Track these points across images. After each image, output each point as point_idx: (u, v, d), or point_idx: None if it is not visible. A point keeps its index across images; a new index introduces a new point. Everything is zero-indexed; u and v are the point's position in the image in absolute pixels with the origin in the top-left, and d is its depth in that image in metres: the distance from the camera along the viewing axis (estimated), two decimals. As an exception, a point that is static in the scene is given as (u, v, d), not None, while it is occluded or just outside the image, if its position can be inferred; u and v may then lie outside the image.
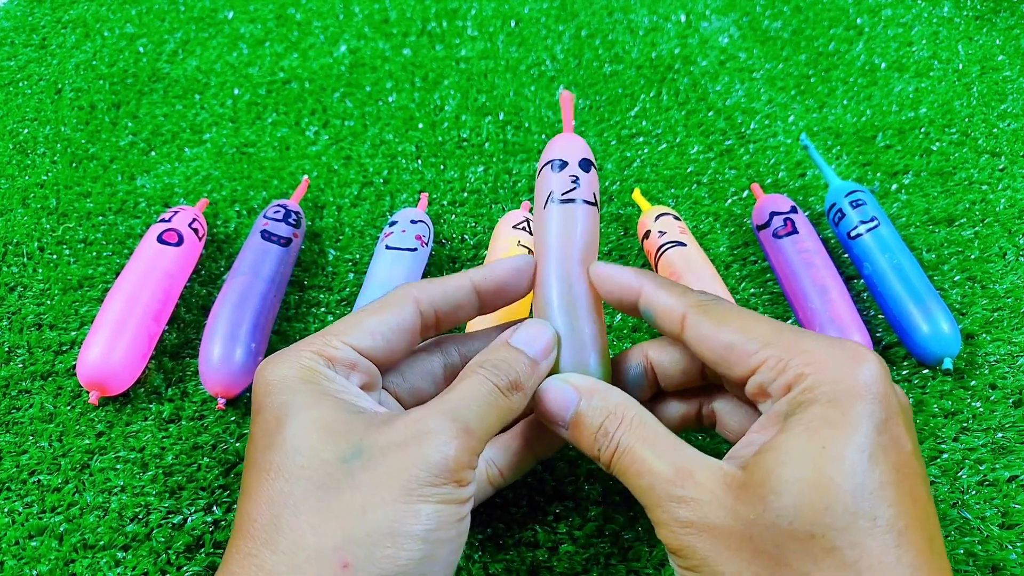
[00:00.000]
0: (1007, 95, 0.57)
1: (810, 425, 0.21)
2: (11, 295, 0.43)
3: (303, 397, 0.23)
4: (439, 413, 0.23)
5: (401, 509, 0.21)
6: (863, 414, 0.21)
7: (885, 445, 0.20)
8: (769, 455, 0.21)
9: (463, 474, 0.23)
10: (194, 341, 0.41)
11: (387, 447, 0.22)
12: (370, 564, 0.20)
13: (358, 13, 0.68)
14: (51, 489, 0.35)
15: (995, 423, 0.37)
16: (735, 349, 0.24)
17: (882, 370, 0.22)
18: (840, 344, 0.23)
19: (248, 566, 0.20)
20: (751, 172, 0.52)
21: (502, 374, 0.25)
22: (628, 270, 0.27)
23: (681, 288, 0.26)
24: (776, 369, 0.23)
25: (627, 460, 0.24)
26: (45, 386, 0.39)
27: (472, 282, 0.28)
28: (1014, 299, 0.42)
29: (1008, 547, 0.33)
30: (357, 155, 0.53)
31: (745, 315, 0.24)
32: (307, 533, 0.20)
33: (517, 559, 0.33)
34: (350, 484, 0.21)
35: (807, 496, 0.20)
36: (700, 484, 0.22)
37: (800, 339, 0.23)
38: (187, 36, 0.65)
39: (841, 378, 0.21)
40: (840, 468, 0.20)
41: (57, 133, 0.55)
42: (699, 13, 0.67)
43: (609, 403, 0.25)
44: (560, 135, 0.30)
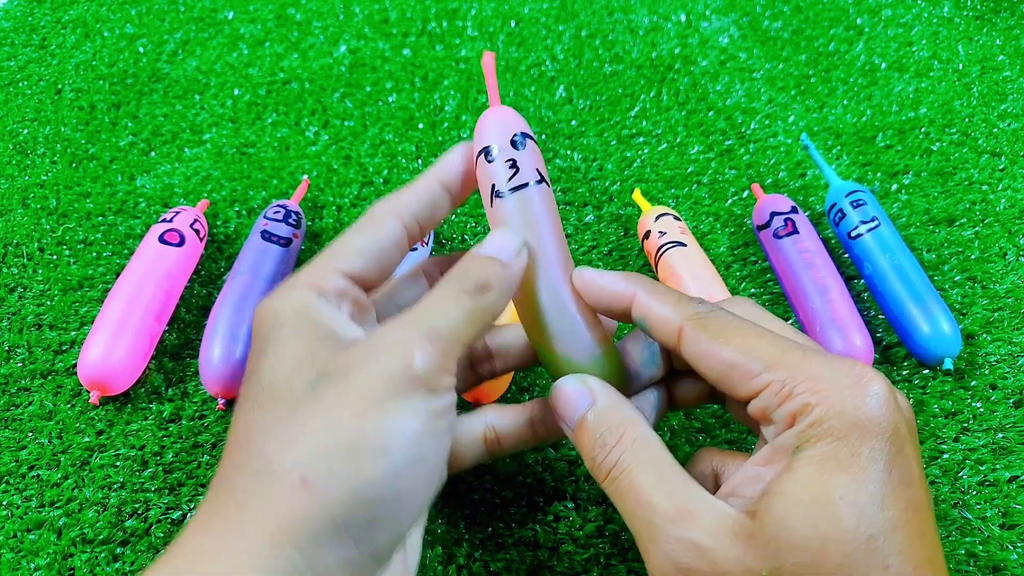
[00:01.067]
0: (1007, 95, 0.57)
1: (821, 466, 0.20)
2: (11, 296, 0.43)
3: (285, 331, 0.23)
4: (400, 326, 0.22)
5: (362, 423, 0.20)
6: (874, 454, 0.20)
7: (895, 485, 0.20)
8: (779, 501, 0.20)
9: (433, 380, 0.22)
10: (194, 341, 0.41)
11: (349, 365, 0.22)
12: (329, 479, 0.20)
13: (358, 13, 0.68)
14: (50, 484, 0.35)
15: (995, 423, 0.37)
16: (736, 369, 0.23)
17: (888, 393, 0.21)
18: (845, 367, 0.22)
19: (221, 491, 0.21)
20: (751, 172, 0.52)
21: (467, 279, 0.24)
22: (617, 276, 0.26)
23: (676, 296, 0.25)
24: (780, 395, 0.22)
25: (624, 484, 0.23)
26: (45, 385, 0.39)
27: (439, 181, 0.27)
28: (1014, 299, 0.42)
29: (1009, 547, 0.33)
30: (357, 155, 0.53)
31: (746, 330, 0.23)
32: (272, 455, 0.20)
33: (517, 558, 0.33)
34: (315, 406, 0.21)
35: (823, 551, 0.19)
36: (706, 529, 0.21)
37: (804, 361, 0.22)
38: (187, 36, 0.65)
39: (848, 409, 0.21)
40: (855, 518, 0.19)
41: (57, 133, 0.55)
42: (699, 13, 0.67)
43: (616, 416, 0.24)
44: (487, 113, 0.28)
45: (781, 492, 0.20)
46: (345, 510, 0.20)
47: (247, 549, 0.19)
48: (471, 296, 0.24)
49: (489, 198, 0.27)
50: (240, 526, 0.20)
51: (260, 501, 0.20)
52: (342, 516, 0.20)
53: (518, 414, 0.29)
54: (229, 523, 0.20)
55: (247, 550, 0.19)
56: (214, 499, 0.21)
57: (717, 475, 0.27)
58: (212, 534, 0.20)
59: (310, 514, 0.19)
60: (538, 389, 0.39)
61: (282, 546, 0.19)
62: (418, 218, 0.27)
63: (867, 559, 0.19)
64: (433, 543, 0.33)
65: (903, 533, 0.20)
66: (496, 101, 0.28)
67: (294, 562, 0.19)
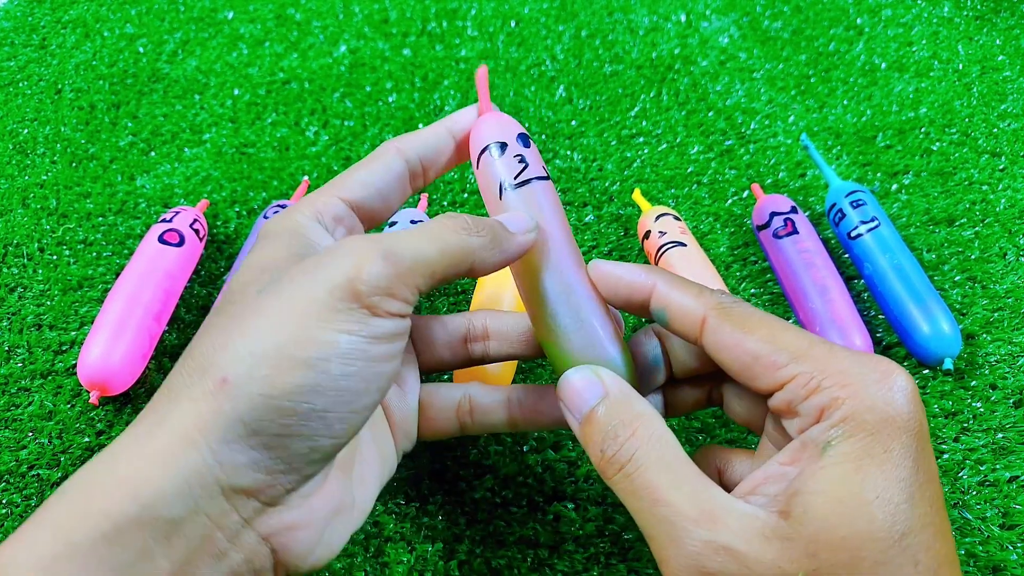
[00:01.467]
0: (1007, 95, 0.57)
1: (856, 463, 0.20)
2: (11, 296, 0.43)
3: (269, 245, 0.23)
4: (361, 239, 0.22)
5: (294, 332, 0.20)
6: (905, 450, 0.20)
7: (922, 482, 0.20)
8: (815, 500, 0.20)
9: (376, 300, 0.21)
10: (194, 341, 0.41)
11: (297, 272, 0.21)
12: (247, 383, 0.20)
13: (358, 13, 0.68)
14: (50, 483, 0.35)
15: (996, 423, 0.37)
16: (761, 360, 0.22)
17: (913, 388, 0.21)
18: (872, 362, 0.21)
19: (162, 392, 0.21)
20: (751, 172, 0.52)
21: (460, 218, 0.23)
22: (636, 267, 0.26)
23: (698, 287, 0.25)
24: (807, 388, 0.21)
25: (639, 482, 0.22)
26: (45, 385, 0.39)
27: (447, 129, 0.28)
28: (1014, 299, 0.42)
29: (1009, 548, 0.33)
30: (357, 155, 0.53)
31: (771, 322, 0.23)
32: (207, 355, 0.20)
33: (519, 556, 0.33)
34: (254, 309, 0.21)
35: (861, 550, 0.19)
36: (733, 531, 0.20)
37: (831, 355, 0.22)
38: (187, 36, 0.65)
39: (878, 404, 0.20)
40: (891, 516, 0.19)
41: (57, 133, 0.55)
42: (699, 13, 0.67)
43: (629, 410, 0.23)
44: (484, 116, 0.28)
45: (816, 491, 0.20)
46: (257, 415, 0.20)
47: (164, 441, 0.19)
48: (455, 231, 0.23)
49: (497, 193, 0.26)
50: (167, 424, 0.20)
51: (185, 399, 0.20)
52: (253, 420, 0.20)
53: (497, 391, 0.29)
54: (158, 421, 0.20)
55: (164, 442, 0.19)
56: (155, 400, 0.21)
57: (721, 472, 0.26)
58: (140, 433, 0.20)
59: (223, 413, 0.19)
60: (543, 383, 0.39)
61: (195, 442, 0.19)
62: (421, 157, 0.28)
63: (900, 557, 0.19)
64: (434, 538, 0.33)
65: (930, 531, 0.20)
66: (488, 107, 0.28)
67: (204, 458, 0.19)
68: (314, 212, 0.25)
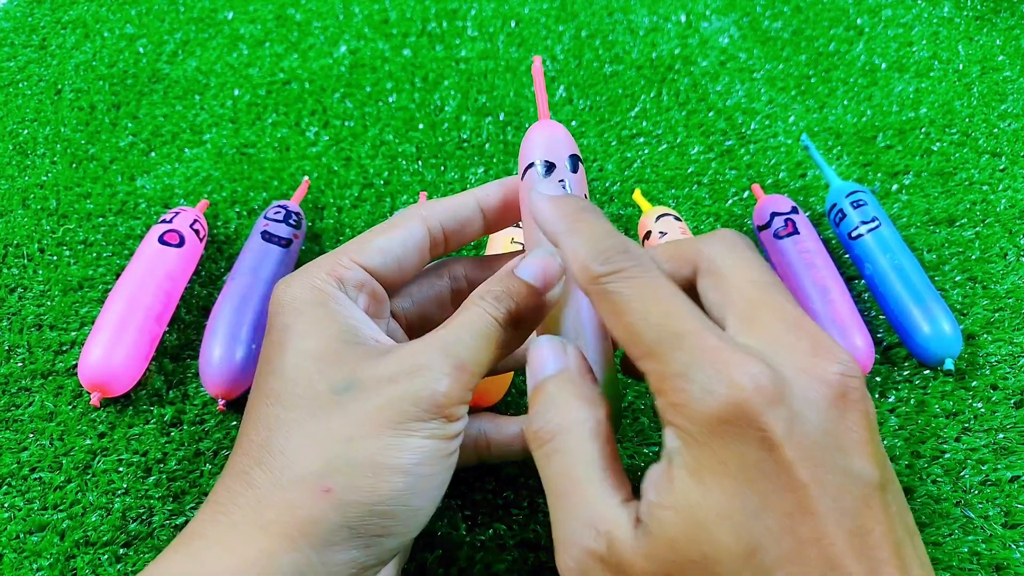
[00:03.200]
0: (1007, 95, 0.57)
1: (696, 476, 0.19)
2: (11, 296, 0.43)
3: (306, 322, 0.24)
4: (433, 348, 0.23)
5: (386, 442, 0.22)
6: (742, 460, 0.18)
7: (769, 491, 0.18)
8: (666, 516, 0.19)
9: (453, 409, 0.23)
10: (195, 342, 0.41)
11: (379, 380, 0.22)
12: (351, 492, 0.21)
13: (358, 13, 0.68)
14: (53, 487, 0.35)
15: (996, 423, 0.37)
16: (627, 347, 0.21)
17: (753, 393, 0.18)
18: (713, 360, 0.19)
19: (240, 481, 0.22)
20: (752, 172, 0.52)
21: (502, 306, 0.24)
22: (552, 208, 0.24)
23: (591, 245, 0.22)
24: (654, 387, 0.20)
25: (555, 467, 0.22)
26: (45, 385, 0.39)
27: (476, 199, 0.28)
28: (1015, 299, 0.42)
29: (1012, 546, 0.33)
30: (357, 156, 0.53)
31: (638, 302, 0.21)
32: (294, 457, 0.22)
33: (519, 559, 0.32)
34: (340, 415, 0.22)
35: (713, 572, 0.18)
36: (619, 548, 0.19)
37: (677, 351, 0.19)
38: (187, 37, 0.65)
39: (707, 413, 0.18)
40: (734, 534, 0.18)
41: (57, 134, 0.55)
42: (699, 13, 0.67)
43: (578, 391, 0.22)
44: (537, 125, 0.27)
45: (668, 506, 0.19)
46: (361, 520, 0.21)
47: (265, 543, 0.21)
48: (503, 328, 0.24)
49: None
50: (259, 521, 0.21)
51: (280, 500, 0.21)
52: (358, 524, 0.21)
53: (512, 424, 0.30)
54: (247, 515, 0.21)
55: (265, 544, 0.21)
56: (232, 487, 0.22)
57: None
58: (231, 525, 0.21)
59: (329, 520, 0.21)
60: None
61: (297, 544, 0.21)
62: (444, 227, 0.27)
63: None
64: (433, 546, 0.33)
65: (790, 542, 0.18)
66: (546, 113, 0.27)
67: (309, 559, 0.21)
68: (336, 278, 0.25)
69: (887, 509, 0.19)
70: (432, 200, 0.28)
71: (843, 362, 0.20)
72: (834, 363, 0.20)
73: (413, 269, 0.27)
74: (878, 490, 0.19)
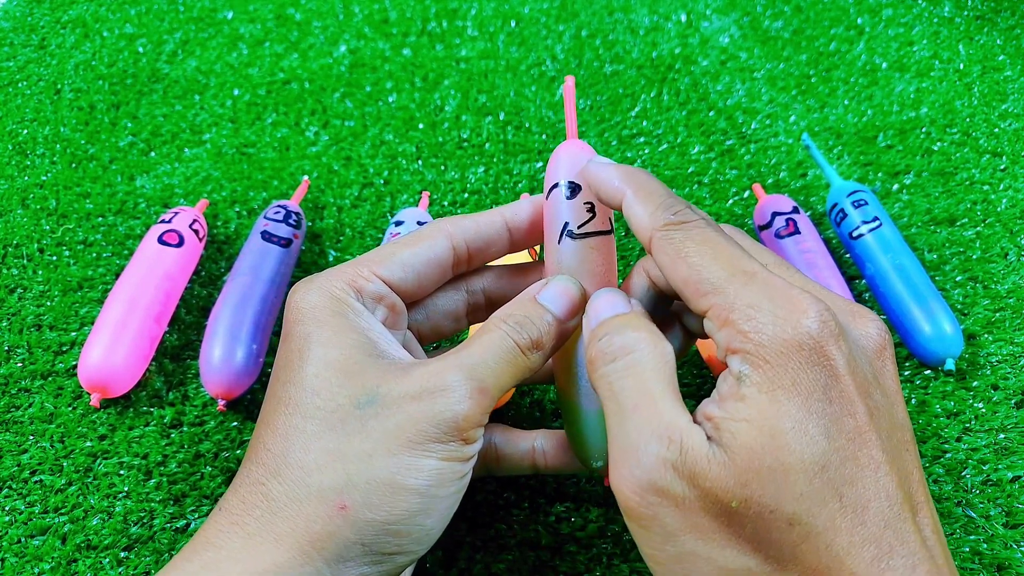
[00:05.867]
0: (1008, 95, 0.57)
1: (770, 394, 0.20)
2: (11, 297, 0.43)
3: (326, 331, 0.24)
4: (456, 369, 0.23)
5: (405, 461, 0.22)
6: (814, 383, 0.20)
7: (837, 416, 0.19)
8: (739, 428, 0.20)
9: (470, 432, 0.23)
10: (195, 343, 0.41)
11: (401, 398, 0.22)
12: (367, 510, 0.21)
13: (358, 13, 0.68)
14: (54, 490, 0.35)
15: (997, 424, 0.37)
16: (688, 286, 0.22)
17: (820, 322, 0.20)
18: (782, 297, 0.20)
19: (255, 492, 0.22)
20: (752, 172, 0.51)
21: (524, 332, 0.24)
22: (614, 172, 0.25)
23: (657, 201, 0.24)
24: (720, 320, 0.21)
25: (629, 381, 0.22)
26: (45, 386, 0.39)
27: (504, 218, 0.28)
28: (1016, 299, 0.42)
29: (1013, 546, 0.33)
30: (357, 156, 0.53)
31: (707, 247, 0.22)
32: (313, 471, 0.22)
33: (520, 559, 0.32)
34: (360, 430, 0.22)
35: (786, 481, 0.19)
36: (693, 456, 0.20)
37: (746, 287, 0.21)
38: (187, 36, 0.64)
39: (779, 338, 0.20)
40: (809, 448, 0.19)
41: (56, 134, 0.55)
42: (700, 13, 0.67)
43: (645, 324, 0.23)
44: (566, 145, 0.27)
45: (740, 419, 0.20)
46: (375, 538, 0.22)
47: (279, 555, 0.21)
48: (523, 353, 0.24)
49: (558, 235, 0.26)
50: (274, 533, 0.21)
51: (295, 513, 0.21)
52: (371, 542, 0.21)
53: (521, 439, 0.29)
54: (262, 527, 0.21)
55: (279, 556, 0.21)
56: (246, 498, 0.22)
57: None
58: (245, 535, 0.21)
59: (344, 536, 0.21)
60: (538, 392, 0.39)
61: (312, 558, 0.21)
62: (470, 244, 0.27)
63: (824, 490, 0.19)
64: (433, 547, 0.33)
65: (852, 465, 0.19)
66: (574, 133, 0.27)
67: (321, 573, 0.21)
68: (355, 288, 0.25)
69: (918, 459, 0.21)
70: (459, 216, 0.28)
71: (878, 322, 0.22)
72: (872, 322, 0.22)
73: (433, 284, 0.27)
74: (912, 438, 0.21)
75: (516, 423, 0.37)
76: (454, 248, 0.27)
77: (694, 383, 0.39)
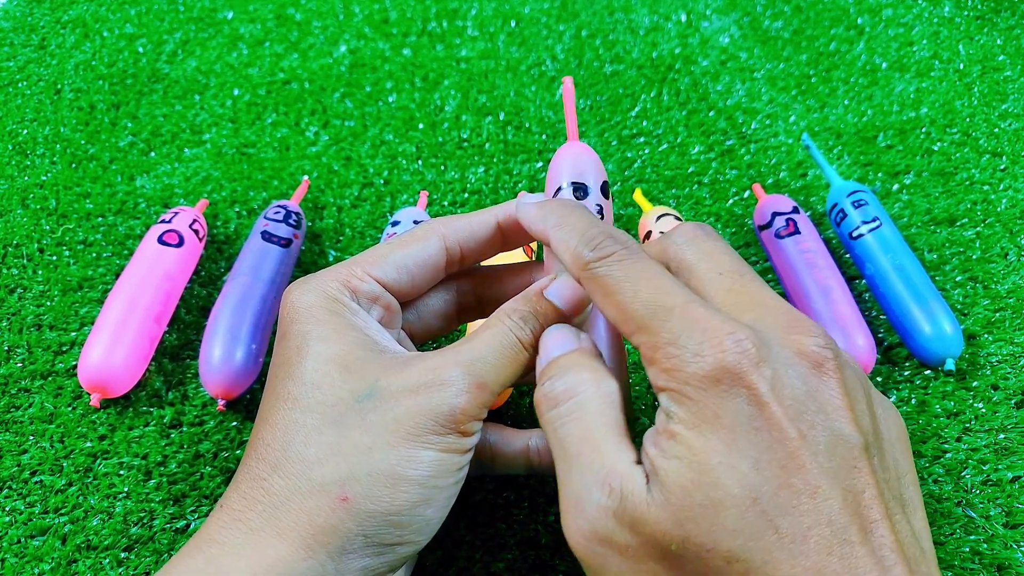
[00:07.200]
0: (1008, 95, 0.57)
1: (696, 429, 0.19)
2: (11, 297, 0.43)
3: (325, 329, 0.24)
4: (457, 364, 0.23)
5: (404, 454, 0.22)
6: (735, 415, 0.19)
7: (765, 445, 0.19)
8: (671, 465, 0.20)
9: (468, 425, 0.23)
10: (194, 342, 0.41)
11: (400, 391, 0.23)
12: (368, 501, 0.21)
13: (358, 13, 0.68)
14: (54, 490, 0.35)
15: (997, 424, 0.37)
16: (619, 324, 0.22)
17: (738, 356, 0.19)
18: (701, 328, 0.20)
19: (256, 487, 0.22)
20: (752, 172, 0.51)
21: (528, 327, 0.24)
22: (536, 211, 0.25)
23: (578, 235, 0.23)
24: (647, 358, 0.21)
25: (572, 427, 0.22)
26: (45, 386, 0.39)
27: (497, 218, 0.28)
28: (1016, 299, 0.42)
29: (1013, 546, 0.32)
30: (357, 156, 0.53)
31: (627, 283, 0.22)
32: (313, 464, 0.22)
33: (520, 558, 0.32)
34: (360, 423, 0.22)
35: (718, 518, 0.19)
36: (636, 502, 0.20)
37: (665, 322, 0.21)
38: (187, 36, 0.65)
39: (697, 374, 0.20)
40: (736, 481, 0.19)
41: (56, 134, 0.55)
42: (700, 13, 0.67)
43: (592, 363, 0.23)
44: (569, 147, 0.27)
45: (673, 456, 0.20)
46: (377, 529, 0.22)
47: (283, 549, 0.21)
48: (525, 349, 0.24)
49: None
50: (276, 527, 0.21)
51: (297, 507, 0.21)
52: (373, 533, 0.22)
53: (517, 438, 0.29)
54: (265, 522, 0.21)
55: (283, 550, 0.21)
56: (248, 493, 0.22)
57: None
58: (248, 530, 0.21)
59: (347, 528, 0.21)
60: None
61: (315, 551, 0.21)
62: (462, 245, 0.27)
63: (757, 523, 0.19)
64: (433, 547, 0.33)
65: (786, 493, 0.19)
66: (575, 135, 0.27)
67: (324, 566, 0.21)
68: (349, 288, 0.25)
69: (874, 474, 0.20)
70: (452, 216, 0.28)
71: (818, 335, 0.21)
72: (809, 337, 0.21)
73: (426, 284, 0.28)
74: (864, 453, 0.20)
75: (516, 423, 0.37)
76: (447, 249, 0.27)
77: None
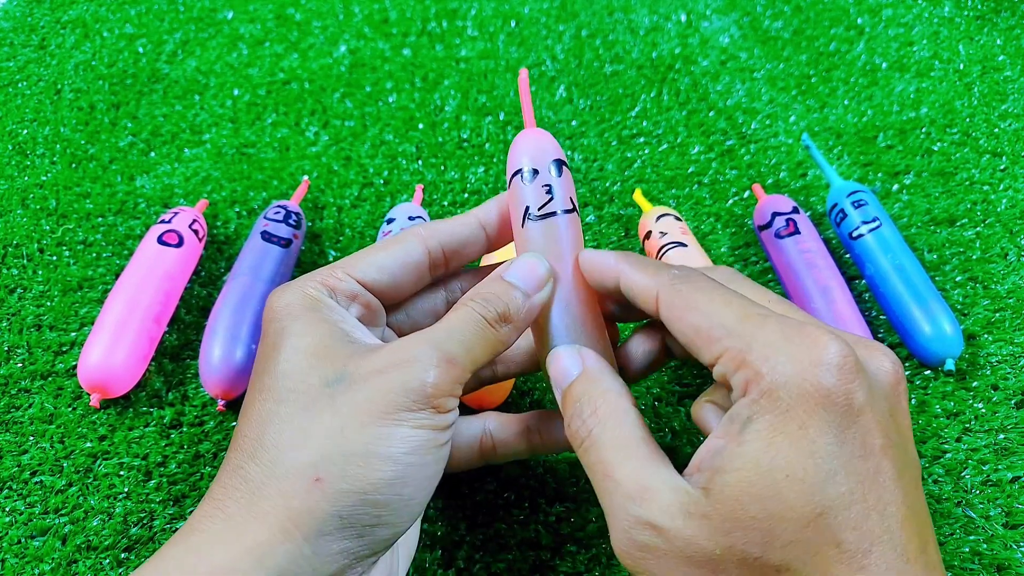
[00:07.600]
0: (1008, 95, 0.57)
1: (769, 440, 0.20)
2: (11, 297, 0.43)
3: (300, 324, 0.24)
4: (423, 342, 0.24)
5: (376, 431, 0.22)
6: (824, 426, 0.19)
7: (848, 458, 0.19)
8: (730, 478, 0.20)
9: (441, 401, 0.23)
10: (194, 343, 0.41)
11: (369, 373, 0.23)
12: (341, 480, 0.22)
13: (358, 13, 0.68)
14: (54, 491, 0.35)
15: (997, 424, 0.37)
16: (700, 334, 0.23)
17: (841, 360, 0.20)
18: (801, 334, 0.21)
19: (234, 476, 0.22)
20: (752, 172, 0.51)
21: (491, 306, 0.25)
22: (609, 254, 0.26)
23: (657, 266, 0.25)
24: (735, 362, 0.21)
25: (593, 457, 0.23)
26: (45, 386, 0.39)
27: (478, 219, 0.29)
28: (1016, 300, 0.42)
29: (1013, 547, 0.32)
30: (357, 156, 0.53)
31: (715, 296, 0.23)
32: (287, 449, 0.22)
33: (520, 558, 0.32)
34: (330, 407, 0.22)
35: (772, 531, 0.19)
36: (661, 507, 0.21)
37: (760, 328, 0.21)
38: (187, 36, 0.64)
39: (795, 380, 0.20)
40: (803, 495, 0.19)
41: (56, 134, 0.55)
42: (700, 13, 0.67)
43: (597, 388, 0.24)
44: (523, 134, 0.28)
45: (732, 468, 0.20)
46: (352, 509, 0.22)
47: (260, 534, 0.21)
48: (491, 326, 0.25)
49: (521, 219, 0.27)
50: (253, 513, 0.21)
51: (273, 492, 0.22)
52: (349, 514, 0.22)
53: (515, 422, 0.30)
54: (242, 508, 0.22)
55: (260, 535, 0.21)
56: (227, 483, 0.22)
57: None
58: (226, 517, 0.22)
59: (321, 510, 0.21)
60: (538, 392, 0.39)
61: (291, 535, 0.21)
62: (445, 247, 0.28)
63: (817, 537, 0.19)
64: (433, 546, 0.33)
65: (858, 508, 0.19)
66: (532, 122, 0.28)
67: (301, 549, 0.21)
68: (327, 287, 0.26)
69: (924, 498, 0.21)
70: (435, 221, 0.28)
71: (892, 355, 0.22)
72: (887, 356, 0.22)
73: (410, 286, 0.28)
74: (920, 478, 0.21)
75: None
76: (429, 252, 0.28)
77: (694, 383, 0.39)
